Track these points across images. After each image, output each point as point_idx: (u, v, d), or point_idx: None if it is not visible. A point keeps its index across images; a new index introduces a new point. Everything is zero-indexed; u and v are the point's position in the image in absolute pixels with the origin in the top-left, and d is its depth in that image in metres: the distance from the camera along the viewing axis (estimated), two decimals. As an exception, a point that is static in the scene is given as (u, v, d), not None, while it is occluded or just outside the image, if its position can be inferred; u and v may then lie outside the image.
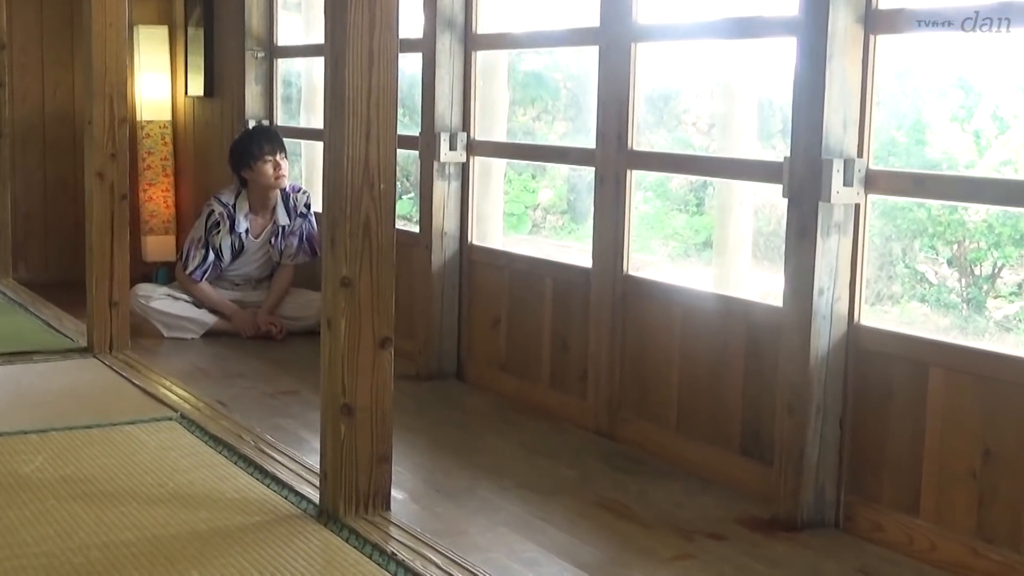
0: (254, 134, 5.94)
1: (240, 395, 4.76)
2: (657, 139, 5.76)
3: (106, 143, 5.11)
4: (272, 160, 5.82)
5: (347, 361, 3.14)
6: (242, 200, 5.91)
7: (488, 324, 4.94)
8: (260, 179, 5.83)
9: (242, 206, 5.90)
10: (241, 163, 5.86)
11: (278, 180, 5.85)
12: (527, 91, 6.71)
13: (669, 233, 6.13)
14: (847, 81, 3.28)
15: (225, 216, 5.88)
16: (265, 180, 5.83)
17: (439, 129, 4.95)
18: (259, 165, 5.81)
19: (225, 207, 5.89)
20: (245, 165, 5.84)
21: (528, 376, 4.70)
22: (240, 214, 5.89)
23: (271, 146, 5.84)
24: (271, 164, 5.82)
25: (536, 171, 7.06)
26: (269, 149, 5.82)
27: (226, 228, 5.88)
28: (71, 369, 4.93)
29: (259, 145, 5.82)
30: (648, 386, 4.11)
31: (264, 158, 5.80)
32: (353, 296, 3.12)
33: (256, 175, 5.82)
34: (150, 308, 5.85)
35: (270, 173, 5.82)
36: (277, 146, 5.86)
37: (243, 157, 5.84)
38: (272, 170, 5.82)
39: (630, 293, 4.16)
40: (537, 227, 7.12)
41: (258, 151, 5.81)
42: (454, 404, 4.72)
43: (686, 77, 5.85)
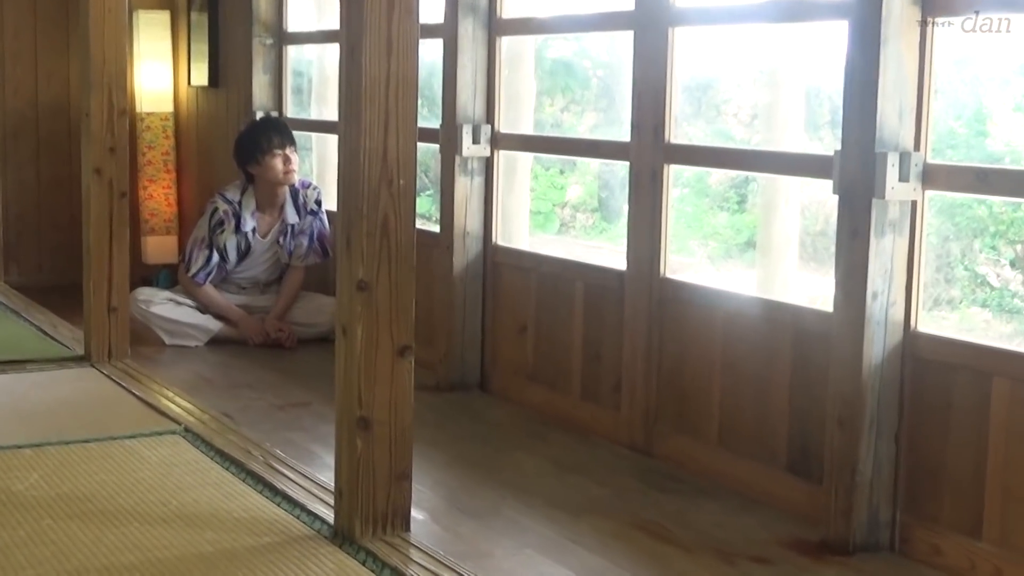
0: (262, 126, 5.96)
1: (248, 407, 4.78)
2: (695, 131, 5.75)
3: (104, 136, 5.14)
4: (281, 154, 5.83)
5: (363, 371, 3.14)
6: (248, 197, 5.92)
7: (514, 331, 4.94)
8: (268, 174, 5.84)
9: (248, 203, 5.92)
10: (248, 157, 5.87)
11: (287, 175, 5.86)
12: (555, 80, 6.71)
13: (709, 233, 6.12)
14: (903, 68, 3.27)
15: (230, 214, 5.89)
16: (273, 175, 5.84)
17: (461, 121, 4.95)
18: (267, 159, 5.82)
19: (230, 204, 5.90)
20: (252, 159, 5.85)
21: (557, 387, 4.70)
22: (246, 212, 5.90)
23: (280, 139, 5.85)
24: (280, 158, 5.83)
25: (565, 166, 7.06)
26: (278, 142, 5.83)
27: (231, 227, 5.89)
28: (67, 379, 4.95)
29: (267, 138, 5.83)
30: (687, 397, 4.11)
31: (273, 152, 5.82)
32: (370, 301, 3.12)
33: (264, 170, 5.83)
34: (151, 314, 5.88)
35: (279, 168, 5.83)
36: (286, 139, 5.87)
37: (250, 151, 5.85)
38: (281, 165, 5.83)
39: (667, 297, 4.16)
40: (566, 226, 7.12)
41: (266, 144, 5.82)
42: (477, 417, 4.72)
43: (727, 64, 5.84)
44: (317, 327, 5.96)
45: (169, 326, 5.89)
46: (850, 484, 3.36)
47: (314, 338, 5.92)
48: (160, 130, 7.42)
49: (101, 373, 5.04)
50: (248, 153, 5.86)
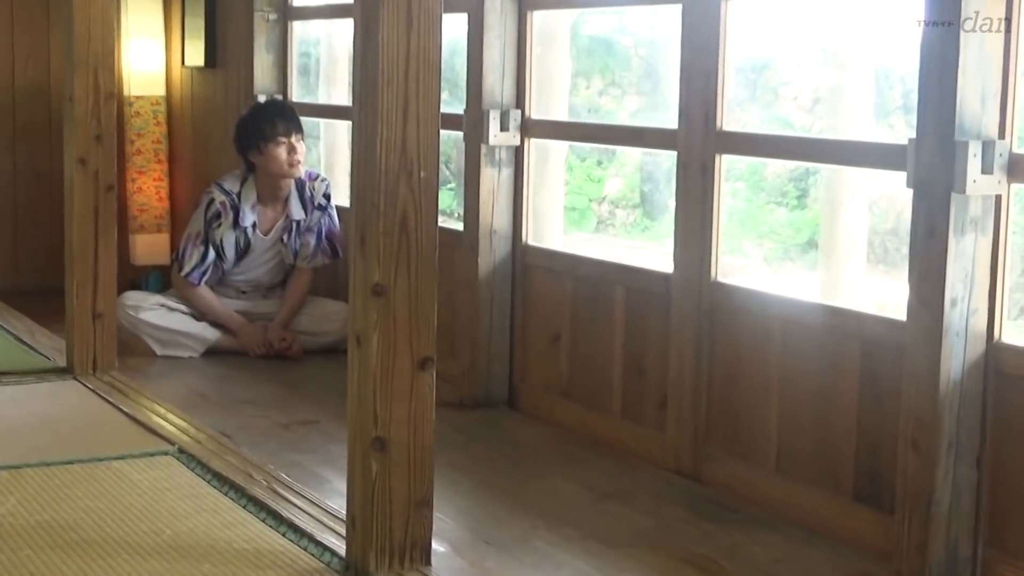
0: (266, 110, 5.97)
1: (248, 425, 4.79)
2: (750, 118, 5.74)
3: (90, 123, 5.16)
4: (286, 142, 5.84)
5: (380, 385, 3.15)
6: (248, 188, 5.94)
7: (546, 341, 4.94)
8: (271, 165, 5.86)
9: (248, 195, 5.93)
10: (249, 144, 5.89)
11: (293, 167, 5.88)
12: (592, 60, 6.71)
13: (765, 231, 6.10)
14: (985, 46, 3.26)
15: (228, 206, 5.91)
16: (277, 166, 5.86)
17: (488, 106, 4.96)
18: (271, 148, 5.84)
19: (228, 195, 5.92)
20: (254, 147, 5.87)
21: (595, 404, 4.70)
22: (246, 205, 5.92)
23: (286, 125, 5.86)
24: (285, 147, 5.85)
25: (603, 157, 7.06)
26: (283, 129, 5.85)
27: (229, 221, 5.91)
28: (47, 393, 4.97)
29: (271, 124, 5.84)
30: (741, 417, 4.10)
31: (277, 139, 5.83)
32: (387, 307, 3.13)
33: (267, 160, 5.85)
34: (140, 321, 5.90)
35: (283, 158, 5.85)
36: (293, 126, 5.89)
37: (252, 137, 5.87)
38: (286, 154, 5.85)
39: (719, 304, 4.16)
40: (604, 224, 7.12)
41: (270, 131, 5.83)
42: (505, 437, 4.73)
43: (786, 42, 5.83)
44: (326, 336, 5.97)
45: (160, 335, 5.91)
46: (925, 515, 3.35)
47: (323, 349, 5.94)
48: (151, 116, 7.45)
49: (85, 387, 5.06)
50: (250, 139, 5.87)
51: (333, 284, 6.25)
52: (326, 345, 5.94)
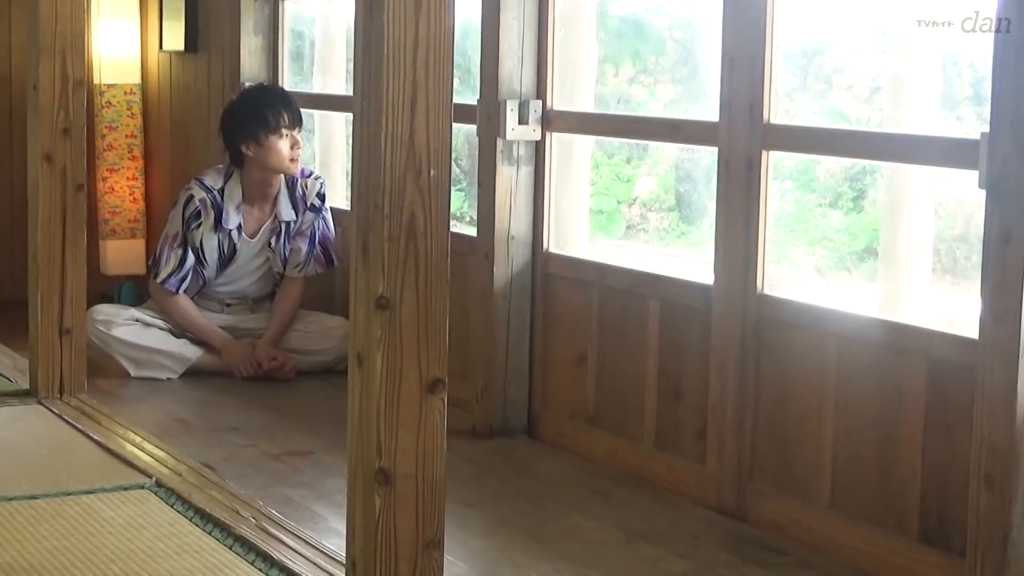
0: (267, 96, 5.95)
1: (234, 456, 4.80)
2: (800, 109, 5.74)
3: (56, 114, 5.17)
4: (290, 135, 5.85)
5: (384, 411, 3.15)
6: (233, 185, 5.94)
7: (570, 361, 4.94)
8: (270, 159, 5.85)
9: (233, 193, 5.94)
10: (245, 133, 5.87)
11: (294, 162, 5.88)
12: (622, 43, 6.71)
13: (817, 237, 6.10)
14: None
15: (209, 205, 5.91)
16: (276, 161, 5.86)
17: (504, 96, 4.97)
18: (272, 140, 5.83)
19: (209, 192, 5.92)
20: (251, 137, 5.86)
21: (625, 433, 4.70)
22: (230, 204, 5.92)
23: (291, 116, 5.86)
24: (288, 141, 5.85)
25: (633, 153, 7.06)
26: (289, 120, 5.85)
27: (210, 222, 5.91)
28: (8, 419, 4.98)
29: (275, 112, 5.83)
30: (791, 447, 4.10)
31: (280, 131, 5.83)
32: (393, 322, 3.13)
33: (265, 154, 5.85)
34: (111, 338, 5.91)
35: (285, 153, 5.85)
36: (296, 117, 5.89)
37: (249, 126, 5.85)
38: (288, 149, 5.85)
39: (766, 319, 4.15)
40: (634, 229, 7.12)
41: (274, 121, 5.82)
42: (524, 470, 4.73)
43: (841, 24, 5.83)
44: (322, 355, 5.98)
45: (135, 353, 5.92)
46: (1000, 558, 3.34)
47: (318, 369, 5.95)
48: (124, 106, 7.48)
49: (51, 412, 5.07)
50: (247, 128, 5.85)
51: (330, 296, 6.26)
52: (322, 365, 5.95)
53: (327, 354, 5.96)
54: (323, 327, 6.04)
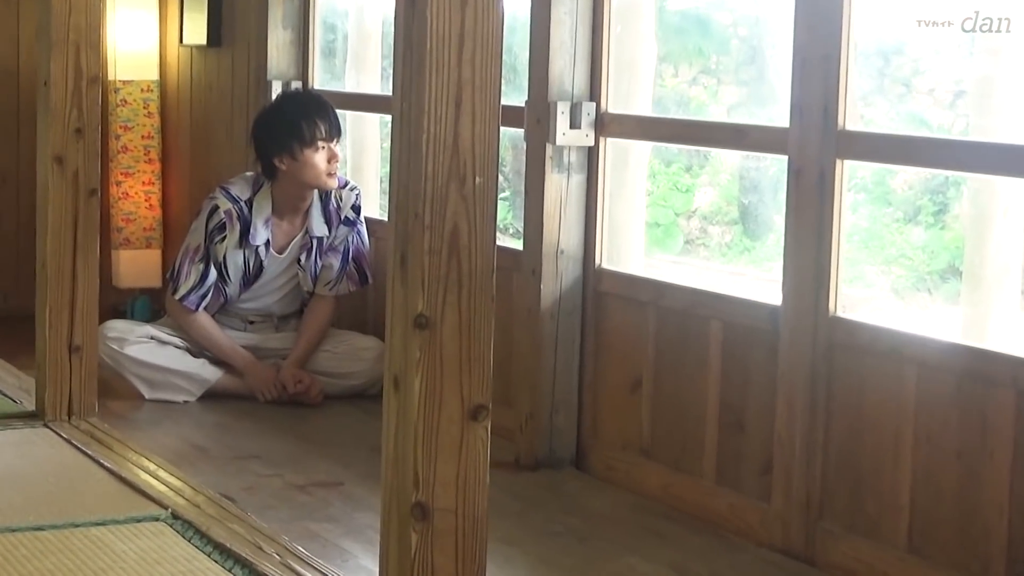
0: (303, 105, 5.95)
1: (257, 486, 4.81)
2: (875, 114, 5.73)
3: (69, 114, 5.19)
4: (327, 148, 5.85)
5: (422, 440, 3.15)
6: (263, 197, 5.95)
7: (624, 388, 4.93)
8: (306, 174, 5.85)
9: (262, 207, 5.95)
10: (280, 146, 5.88)
11: (332, 177, 5.88)
12: (683, 41, 6.71)
13: (893, 255, 6.08)
14: None
15: (235, 217, 5.92)
16: (314, 176, 5.86)
17: (555, 97, 4.97)
18: (308, 154, 5.84)
19: (236, 203, 5.93)
20: (285, 149, 5.86)
21: (683, 466, 4.69)
22: (258, 218, 5.93)
23: (329, 127, 5.86)
24: (325, 154, 5.86)
25: (693, 160, 7.05)
26: (326, 131, 5.85)
27: (235, 237, 5.93)
28: (12, 444, 4.99)
29: (311, 123, 5.83)
30: (865, 484, 4.08)
31: (316, 144, 5.84)
32: (432, 343, 3.13)
33: (301, 168, 5.85)
34: (124, 356, 5.93)
35: (323, 168, 5.86)
36: (335, 128, 5.88)
37: (283, 139, 5.86)
38: (326, 163, 5.85)
39: (838, 344, 4.14)
40: (694, 243, 7.11)
41: (310, 133, 5.83)
42: (572, 505, 4.72)
43: (922, 21, 5.82)
44: (352, 379, 5.99)
45: (149, 374, 5.94)
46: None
47: (348, 394, 5.96)
48: (140, 105, 7.50)
49: (59, 436, 5.08)
50: (282, 140, 5.86)
51: (362, 314, 6.27)
52: (352, 389, 5.96)
53: (358, 377, 5.97)
54: (354, 348, 6.04)
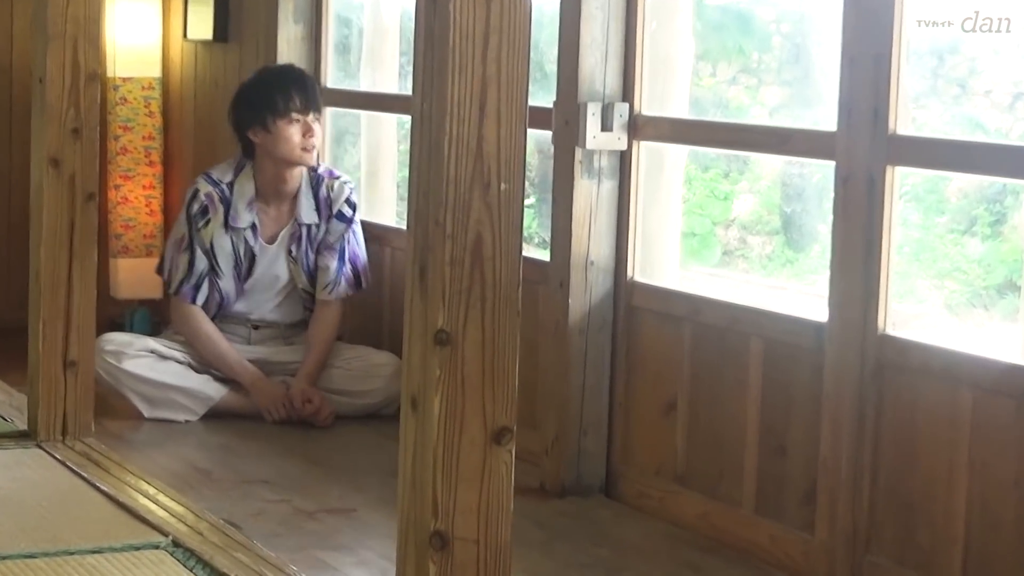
0: (278, 77, 6.04)
1: (263, 512, 4.81)
2: (928, 117, 5.72)
3: (65, 112, 5.20)
4: (301, 121, 5.91)
5: (441, 463, 3.14)
6: (245, 180, 6.00)
7: (657, 409, 4.93)
8: (279, 147, 5.93)
9: (244, 188, 6.00)
10: (252, 118, 5.96)
11: (307, 152, 5.92)
12: (721, 38, 6.71)
13: (947, 268, 6.07)
14: None
15: (216, 199, 5.98)
16: (287, 150, 5.92)
17: (585, 98, 4.97)
18: (280, 125, 5.91)
19: (216, 186, 6.00)
20: (257, 121, 5.95)
21: (720, 494, 4.68)
22: (240, 200, 5.98)
23: (304, 99, 5.93)
24: (299, 126, 5.90)
25: (732, 166, 7.05)
26: (301, 103, 5.91)
27: (219, 219, 5.97)
28: (3, 465, 4.99)
29: (285, 94, 5.91)
30: (916, 513, 4.07)
31: (290, 116, 5.91)
32: (454, 360, 3.13)
33: (274, 141, 5.93)
34: (122, 372, 5.93)
35: (296, 140, 5.92)
36: (312, 101, 5.94)
37: (258, 109, 5.95)
38: (299, 136, 5.89)
39: (888, 363, 4.13)
40: (732, 255, 7.10)
41: (283, 104, 5.90)
42: (602, 536, 4.72)
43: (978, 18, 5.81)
44: (366, 397, 5.99)
45: (148, 390, 5.94)
46: None
47: (361, 413, 5.97)
48: (141, 104, 7.51)
49: (52, 457, 5.09)
50: (253, 112, 5.95)
51: (377, 328, 6.27)
52: (366, 409, 5.96)
53: (372, 396, 5.97)
54: (368, 364, 6.04)
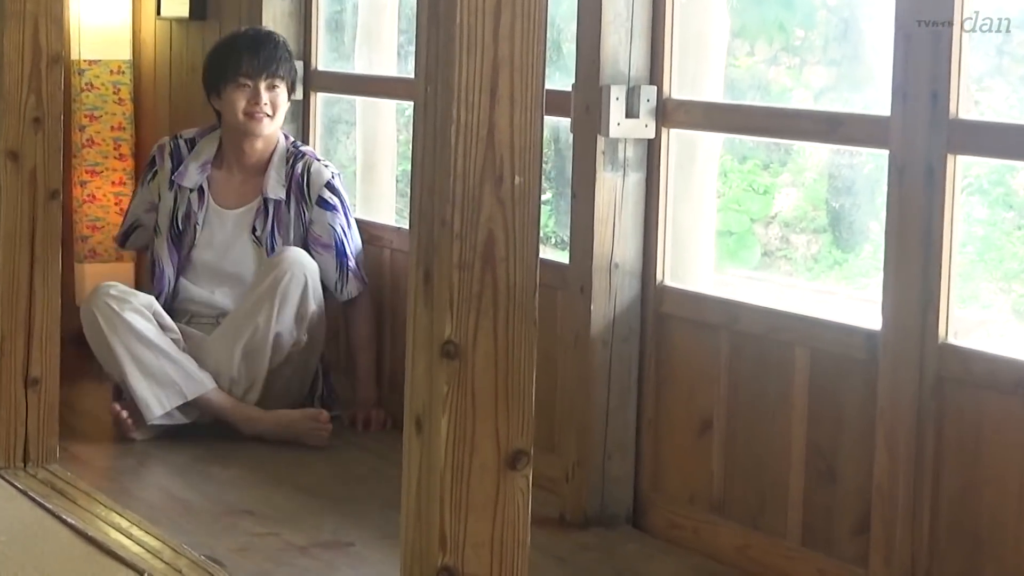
0: (235, 40, 6.22)
1: (249, 547, 4.81)
2: (993, 100, 5.72)
3: (25, 100, 5.22)
4: (249, 86, 6.05)
5: (450, 491, 3.15)
6: (210, 141, 6.23)
7: (691, 430, 4.93)
8: (226, 115, 6.15)
9: (204, 149, 6.22)
10: (208, 85, 6.22)
11: (253, 120, 6.06)
12: (759, 14, 6.72)
13: (1015, 270, 6.07)
14: None
15: (167, 152, 6.24)
16: (231, 116, 6.12)
17: (608, 80, 4.97)
18: (229, 91, 6.10)
19: (175, 140, 6.27)
20: (213, 89, 6.19)
21: (762, 524, 4.68)
22: (194, 160, 6.19)
23: (255, 63, 6.07)
24: (246, 92, 6.04)
25: (772, 156, 7.06)
26: (249, 68, 6.07)
27: (166, 172, 6.19)
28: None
29: (236, 59, 6.09)
30: (982, 546, 4.07)
31: (238, 81, 6.05)
32: (463, 375, 3.13)
33: (224, 107, 6.15)
34: (121, 321, 5.81)
35: (239, 105, 6.05)
36: (266, 65, 6.08)
37: (213, 76, 6.20)
38: (244, 102, 6.03)
39: (949, 376, 4.13)
40: (773, 255, 7.11)
41: (232, 69, 6.07)
42: (629, 571, 4.72)
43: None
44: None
45: (143, 351, 5.81)
46: None
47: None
48: (110, 89, 7.53)
49: (13, 487, 5.10)
50: (211, 78, 6.21)
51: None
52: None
53: None
54: None
